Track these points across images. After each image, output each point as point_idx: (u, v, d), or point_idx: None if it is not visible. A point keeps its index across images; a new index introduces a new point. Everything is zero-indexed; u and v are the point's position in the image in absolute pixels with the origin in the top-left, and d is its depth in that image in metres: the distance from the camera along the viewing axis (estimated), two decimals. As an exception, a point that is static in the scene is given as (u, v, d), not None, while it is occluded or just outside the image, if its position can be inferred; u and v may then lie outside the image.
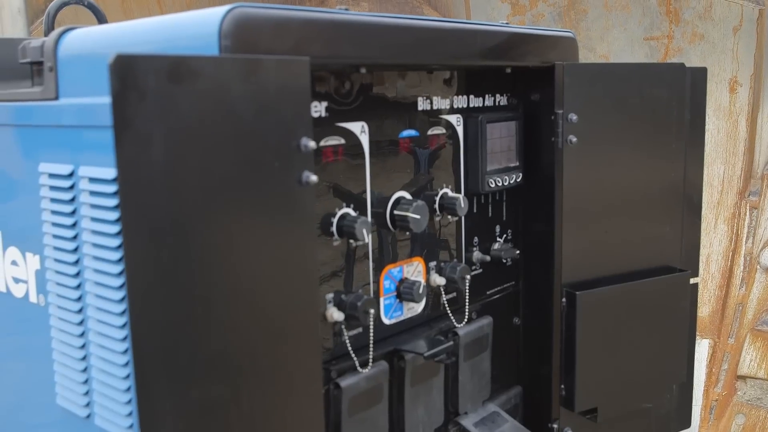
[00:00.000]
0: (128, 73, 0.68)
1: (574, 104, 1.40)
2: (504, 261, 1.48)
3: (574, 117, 1.40)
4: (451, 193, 1.33)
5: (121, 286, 0.89)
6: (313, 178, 0.90)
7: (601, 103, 1.44)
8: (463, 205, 1.30)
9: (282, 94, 0.86)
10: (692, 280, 1.62)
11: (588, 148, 1.43)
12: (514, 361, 1.55)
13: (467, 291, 1.35)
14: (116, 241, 0.88)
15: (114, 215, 0.88)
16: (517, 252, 1.47)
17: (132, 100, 0.69)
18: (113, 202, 0.88)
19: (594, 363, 1.48)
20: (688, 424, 1.70)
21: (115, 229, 0.88)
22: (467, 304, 1.36)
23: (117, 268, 0.89)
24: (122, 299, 0.90)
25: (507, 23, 1.36)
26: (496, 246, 1.46)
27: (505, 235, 1.49)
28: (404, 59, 1.15)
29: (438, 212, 1.32)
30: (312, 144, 0.90)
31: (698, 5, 3.03)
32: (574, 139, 1.40)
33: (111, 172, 0.88)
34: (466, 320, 1.37)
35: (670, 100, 1.53)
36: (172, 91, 0.72)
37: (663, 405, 1.62)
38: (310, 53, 0.90)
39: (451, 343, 1.29)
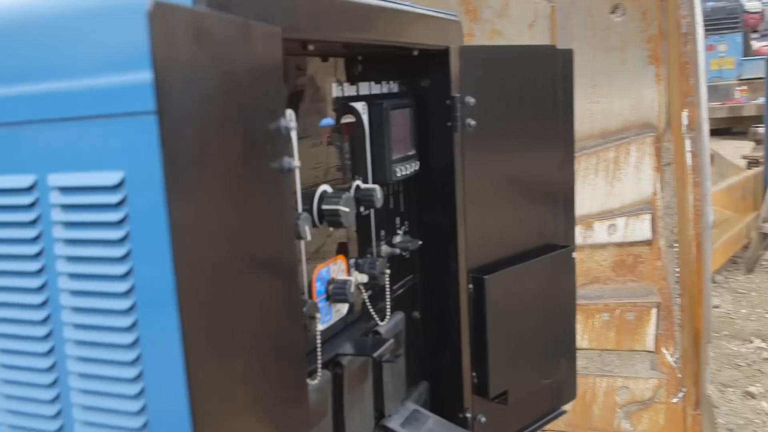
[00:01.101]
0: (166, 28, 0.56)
1: (469, 88, 1.38)
2: (403, 254, 1.43)
3: (471, 100, 1.38)
4: (364, 185, 1.26)
5: (129, 310, 0.73)
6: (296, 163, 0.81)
7: (492, 85, 1.44)
8: (379, 196, 1.24)
9: (266, 67, 0.76)
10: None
11: (482, 131, 1.41)
12: (418, 357, 1.50)
13: (388, 287, 1.29)
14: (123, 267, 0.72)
15: (119, 233, 0.72)
16: (420, 243, 1.43)
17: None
18: (116, 215, 0.72)
19: (503, 346, 1.47)
20: (574, 395, 1.75)
21: (120, 251, 0.72)
22: (388, 301, 1.30)
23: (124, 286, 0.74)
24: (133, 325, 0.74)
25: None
26: (397, 239, 1.41)
27: (403, 227, 1.44)
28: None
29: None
30: (293, 125, 0.80)
31: (496, 4, 3.15)
32: (473, 123, 1.38)
33: (111, 177, 0.71)
34: (388, 317, 1.31)
35: (547, 81, 1.56)
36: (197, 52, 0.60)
37: (556, 379, 1.65)
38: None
39: (392, 341, 1.22)
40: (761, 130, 7.61)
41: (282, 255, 0.83)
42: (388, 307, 1.30)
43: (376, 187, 1.24)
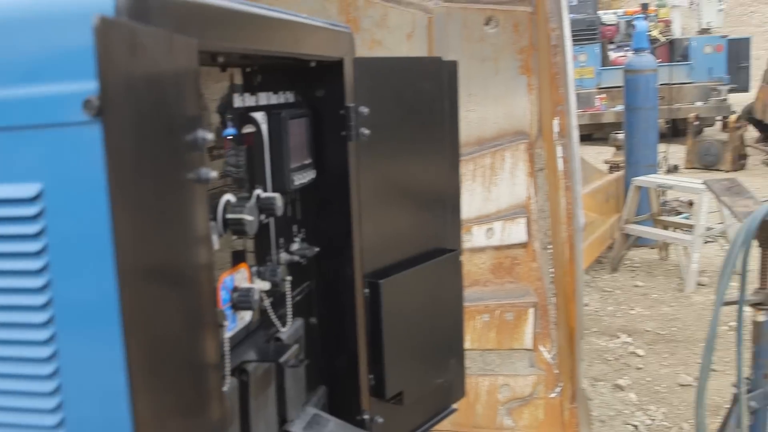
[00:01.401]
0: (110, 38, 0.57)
1: (363, 98, 1.42)
2: (301, 261, 1.45)
3: (365, 110, 1.42)
4: (264, 194, 1.28)
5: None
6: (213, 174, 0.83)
7: (383, 96, 1.49)
8: (280, 205, 1.26)
9: (186, 78, 0.78)
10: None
11: (375, 140, 1.46)
12: (316, 361, 1.53)
13: (290, 294, 1.31)
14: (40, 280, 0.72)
15: (36, 246, 0.71)
16: (317, 250, 1.46)
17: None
18: (33, 228, 0.71)
19: (398, 347, 1.52)
20: (464, 393, 1.81)
21: (37, 264, 0.71)
22: (289, 307, 1.32)
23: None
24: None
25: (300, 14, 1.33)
26: (295, 246, 1.44)
27: (300, 234, 1.47)
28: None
29: None
30: (210, 136, 0.82)
31: (375, 14, 3.21)
32: (367, 132, 1.42)
33: (27, 189, 0.70)
34: (289, 324, 1.33)
35: (434, 91, 1.62)
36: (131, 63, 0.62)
37: (447, 378, 1.71)
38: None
39: (297, 346, 1.24)
40: (621, 136, 8.03)
41: (200, 264, 0.84)
42: (290, 313, 1.32)
43: (277, 195, 1.26)
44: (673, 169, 10.52)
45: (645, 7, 16.96)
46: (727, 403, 3.82)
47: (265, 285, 1.26)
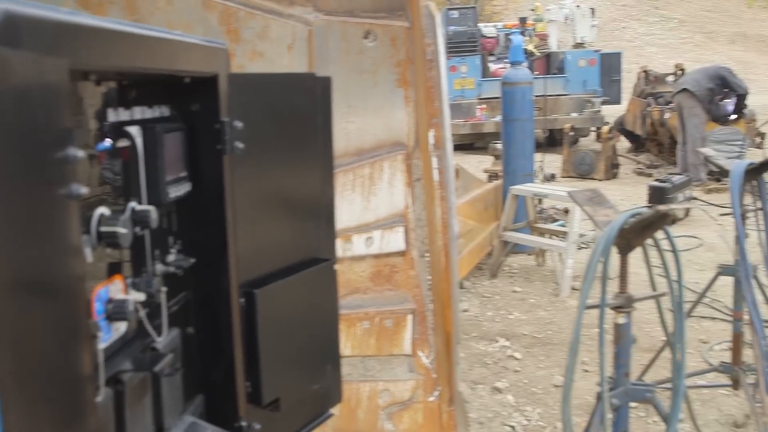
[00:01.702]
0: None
1: (237, 112, 1.47)
2: (177, 272, 1.48)
3: (239, 124, 1.46)
4: (139, 206, 1.31)
5: None
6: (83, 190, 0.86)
7: (258, 110, 1.53)
8: (154, 217, 1.29)
9: (56, 97, 0.81)
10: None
11: (250, 154, 1.50)
12: (193, 371, 1.56)
13: (165, 304, 1.34)
14: None
15: None
16: (193, 261, 1.49)
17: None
18: None
19: (275, 355, 1.57)
20: (340, 398, 1.87)
21: None
22: (165, 317, 1.35)
23: None
24: None
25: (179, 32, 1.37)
26: (171, 257, 1.46)
27: (176, 246, 1.50)
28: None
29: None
30: (81, 153, 0.85)
31: (256, 25, 3.24)
32: (241, 146, 1.47)
33: None
34: (165, 334, 1.35)
35: (308, 106, 1.67)
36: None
37: (324, 384, 1.77)
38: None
39: (171, 355, 1.27)
40: (499, 145, 8.29)
41: (72, 277, 0.87)
42: (165, 323, 1.34)
43: (152, 208, 1.29)
44: (550, 178, 10.91)
45: (523, 21, 17.56)
46: (596, 401, 4.03)
47: (140, 296, 1.28)
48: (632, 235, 2.33)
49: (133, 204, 1.30)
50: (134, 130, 1.31)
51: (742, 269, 3.61)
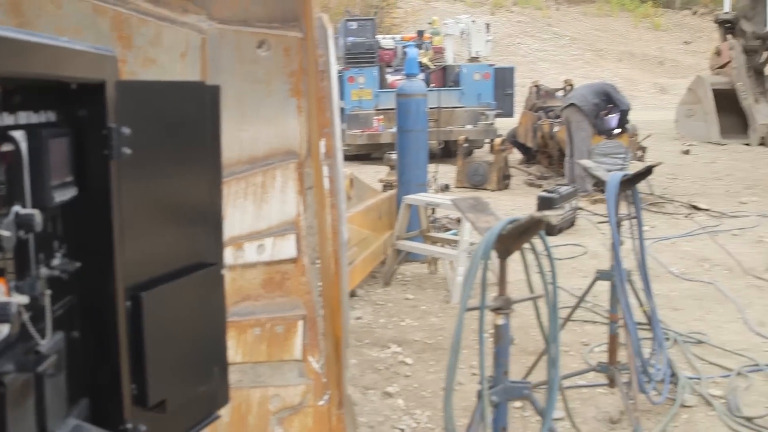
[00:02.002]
0: None
1: (125, 119, 1.50)
2: (62, 276, 1.50)
3: (126, 131, 1.49)
4: (23, 210, 1.32)
5: None
6: None
7: (146, 117, 1.56)
8: (39, 221, 1.31)
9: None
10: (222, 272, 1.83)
11: (139, 159, 1.53)
12: (77, 375, 1.57)
13: (49, 307, 1.36)
14: None
15: None
16: (78, 264, 1.50)
17: None
18: None
19: (160, 357, 1.60)
20: (227, 400, 1.91)
21: None
22: (49, 321, 1.36)
23: None
24: None
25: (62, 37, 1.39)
26: (56, 261, 1.48)
27: (62, 250, 1.51)
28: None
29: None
30: None
31: (149, 32, 3.23)
32: (128, 151, 1.50)
33: None
34: (49, 337, 1.37)
35: (197, 114, 1.71)
36: None
37: (211, 386, 1.80)
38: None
39: (55, 356, 1.29)
40: (394, 156, 8.42)
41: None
42: (49, 326, 1.36)
43: (36, 211, 1.30)
44: (444, 189, 11.13)
45: (421, 34, 17.85)
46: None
47: (24, 299, 1.30)
48: (510, 241, 2.44)
49: (17, 208, 1.31)
50: (19, 135, 1.33)
51: (617, 274, 3.81)
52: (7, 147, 1.28)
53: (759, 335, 5.25)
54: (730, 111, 17.52)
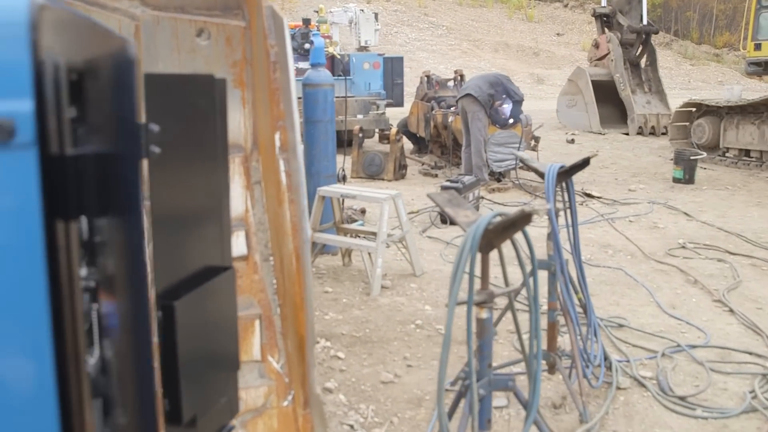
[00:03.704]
0: None
1: (150, 114, 1.39)
2: (89, 286, 1.37)
3: (155, 127, 1.38)
4: (67, 216, 1.20)
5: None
6: None
7: (169, 113, 1.45)
8: (85, 228, 1.19)
9: None
10: (232, 275, 1.74)
11: (163, 157, 1.42)
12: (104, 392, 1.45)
13: (97, 323, 1.24)
14: None
15: None
16: (107, 273, 1.38)
17: None
18: None
19: (192, 369, 1.49)
20: (238, 409, 1.81)
21: None
22: (97, 336, 1.25)
23: None
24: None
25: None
26: (83, 271, 1.35)
27: (85, 258, 1.39)
28: None
29: None
30: None
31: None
32: (157, 150, 1.39)
33: None
34: (96, 356, 1.26)
35: (210, 109, 1.61)
36: None
37: (229, 395, 1.70)
38: None
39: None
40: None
41: None
42: (96, 342, 1.25)
43: (83, 218, 1.19)
44: (342, 179, 11.08)
45: (307, 22, 17.67)
46: (428, 394, 4.17)
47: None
48: (494, 235, 2.43)
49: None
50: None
51: (558, 263, 3.87)
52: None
53: (673, 317, 5.47)
54: (608, 101, 18.21)
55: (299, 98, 9.37)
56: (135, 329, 1.41)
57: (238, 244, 3.19)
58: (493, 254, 2.63)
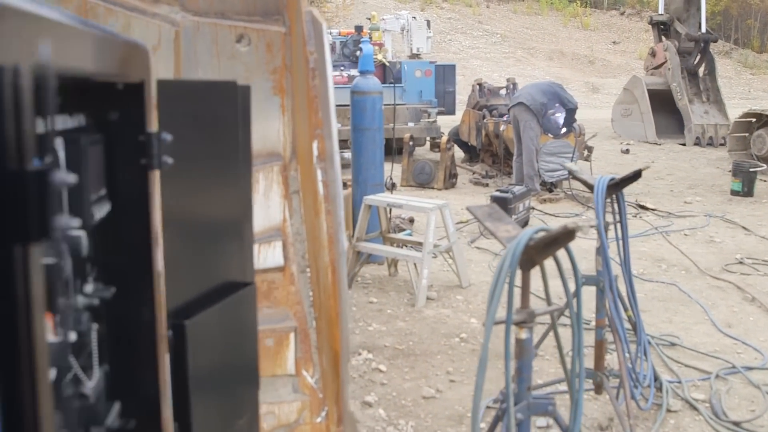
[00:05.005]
0: None
1: (165, 123, 1.31)
2: (94, 304, 1.30)
3: (168, 137, 1.30)
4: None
5: None
6: None
7: (187, 121, 1.38)
8: (85, 243, 1.11)
9: None
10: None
11: (176, 168, 1.35)
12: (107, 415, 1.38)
13: (96, 344, 1.17)
14: None
15: None
16: (113, 290, 1.31)
17: None
18: None
19: (204, 393, 1.41)
20: (258, 429, 1.73)
21: None
22: (96, 359, 1.18)
23: None
24: None
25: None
26: (89, 287, 1.28)
27: (93, 274, 1.31)
28: None
29: None
30: None
31: (117, 24, 3.01)
32: (170, 161, 1.31)
33: None
34: (96, 379, 1.18)
35: (232, 118, 1.53)
36: None
37: (249, 416, 1.62)
38: None
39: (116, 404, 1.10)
40: (347, 155, 8.24)
41: None
42: (96, 365, 1.17)
43: (83, 233, 1.11)
44: (391, 187, 11.01)
45: (359, 29, 17.66)
46: (470, 412, 4.04)
47: (72, 336, 1.10)
48: (535, 252, 2.32)
49: (58, 228, 1.12)
50: (57, 143, 1.13)
51: (606, 279, 3.72)
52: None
53: (729, 336, 5.25)
54: (665, 111, 17.83)
55: (345, 106, 9.34)
56: (140, 351, 1.34)
57: (275, 255, 3.12)
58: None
